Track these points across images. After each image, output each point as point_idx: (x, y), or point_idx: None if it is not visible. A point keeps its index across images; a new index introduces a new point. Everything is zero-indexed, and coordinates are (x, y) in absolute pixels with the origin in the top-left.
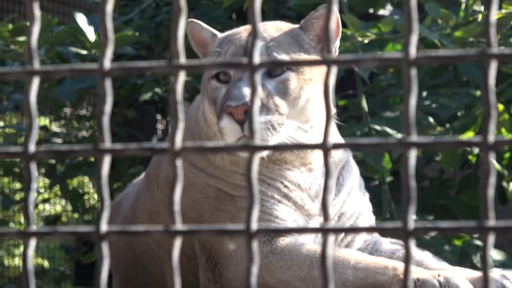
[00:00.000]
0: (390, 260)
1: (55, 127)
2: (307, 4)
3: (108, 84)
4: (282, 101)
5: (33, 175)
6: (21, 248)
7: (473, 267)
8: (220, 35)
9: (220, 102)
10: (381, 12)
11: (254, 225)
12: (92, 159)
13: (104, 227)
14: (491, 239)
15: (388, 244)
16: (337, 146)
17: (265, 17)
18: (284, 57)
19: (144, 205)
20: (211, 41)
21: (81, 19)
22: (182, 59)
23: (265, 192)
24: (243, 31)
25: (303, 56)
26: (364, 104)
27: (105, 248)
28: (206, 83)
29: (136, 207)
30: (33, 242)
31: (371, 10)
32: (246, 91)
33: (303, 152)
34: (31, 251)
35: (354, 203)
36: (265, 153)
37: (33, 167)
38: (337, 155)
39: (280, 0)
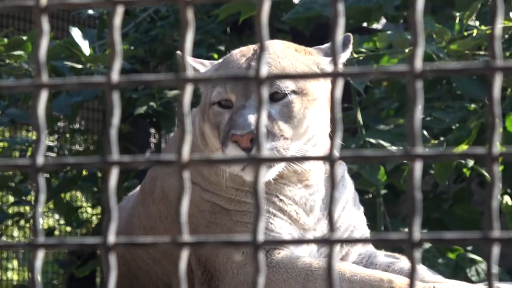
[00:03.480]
0: (386, 273)
1: (47, 141)
2: (301, 18)
3: (116, 97)
4: (286, 125)
5: (41, 187)
6: (14, 262)
7: (467, 280)
8: (203, 68)
9: (224, 129)
10: (375, 25)
11: (261, 236)
12: (85, 173)
13: (111, 238)
14: (496, 250)
15: (383, 257)
16: (343, 158)
17: None
18: (287, 82)
19: (139, 220)
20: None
21: (76, 33)
22: (189, 72)
23: None
24: (239, 56)
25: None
26: (359, 117)
27: (112, 259)
28: (207, 108)
29: (132, 222)
30: (41, 254)
31: (364, 24)
32: (251, 118)
33: (300, 169)
34: (39, 263)
35: (349, 217)
36: (271, 176)
37: (42, 179)
38: None
39: (274, 14)
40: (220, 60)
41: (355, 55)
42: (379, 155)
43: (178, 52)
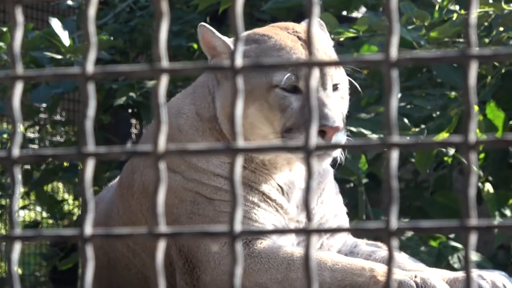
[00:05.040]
0: (367, 261)
1: (29, 133)
2: (281, 7)
3: (91, 88)
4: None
5: (17, 180)
6: None
7: (450, 268)
8: (231, 44)
9: (295, 115)
10: (355, 14)
11: (238, 227)
12: (66, 164)
13: (88, 230)
14: (473, 238)
15: (365, 245)
16: (319, 147)
17: None
18: (341, 72)
19: (118, 215)
20: (223, 49)
21: (55, 24)
22: (165, 63)
23: (246, 197)
24: (288, 44)
25: None
26: None
27: (89, 251)
28: (265, 91)
29: (111, 216)
30: (17, 246)
31: (344, 12)
32: (336, 110)
33: (293, 159)
34: (15, 255)
35: (331, 208)
36: (327, 164)
37: (17, 171)
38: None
39: (254, 3)
40: (264, 46)
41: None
42: (355, 144)
43: (203, 23)
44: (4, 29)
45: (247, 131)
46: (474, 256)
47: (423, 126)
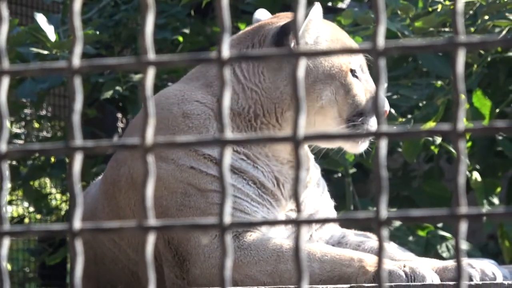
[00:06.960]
0: (356, 251)
1: (14, 129)
2: None
3: (77, 82)
4: None
5: (5, 175)
6: None
7: (438, 257)
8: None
9: (367, 99)
10: (340, 5)
11: (227, 219)
12: (53, 160)
13: (77, 224)
14: (464, 226)
15: (353, 236)
16: (308, 138)
17: None
18: None
19: (104, 212)
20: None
21: (41, 19)
22: (151, 55)
23: (242, 189)
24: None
25: None
26: None
27: (78, 245)
28: (344, 73)
29: (95, 214)
30: (6, 241)
31: (329, 3)
32: None
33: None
34: (4, 250)
35: (319, 202)
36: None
37: (5, 166)
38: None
39: None
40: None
41: None
42: (344, 133)
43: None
44: None
45: (311, 116)
46: (462, 245)
47: (409, 116)
